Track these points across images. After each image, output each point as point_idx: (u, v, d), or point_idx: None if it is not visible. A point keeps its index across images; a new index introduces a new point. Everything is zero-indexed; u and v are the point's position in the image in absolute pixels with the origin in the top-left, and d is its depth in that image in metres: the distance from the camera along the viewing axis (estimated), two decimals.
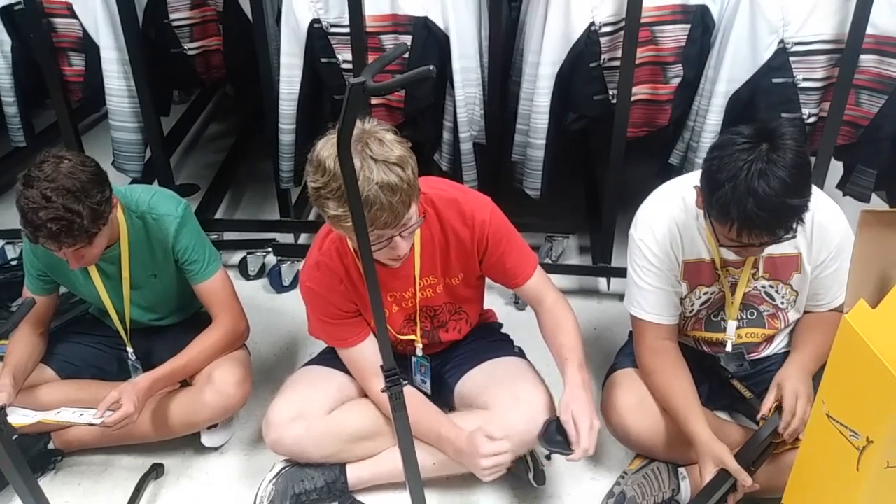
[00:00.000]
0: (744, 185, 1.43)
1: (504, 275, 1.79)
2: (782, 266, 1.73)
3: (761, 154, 1.44)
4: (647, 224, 1.76)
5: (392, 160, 1.41)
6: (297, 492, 1.80)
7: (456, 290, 1.81)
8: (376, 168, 1.39)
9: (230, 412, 1.97)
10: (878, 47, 2.05)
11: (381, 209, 1.41)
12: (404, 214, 1.46)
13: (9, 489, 1.83)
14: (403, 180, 1.42)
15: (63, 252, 1.70)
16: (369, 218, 1.38)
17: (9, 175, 3.28)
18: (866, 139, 2.19)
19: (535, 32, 2.25)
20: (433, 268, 1.75)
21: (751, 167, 1.44)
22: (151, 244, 1.90)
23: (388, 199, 1.40)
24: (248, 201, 3.17)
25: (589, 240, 2.79)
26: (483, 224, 1.70)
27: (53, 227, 1.62)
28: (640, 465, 1.81)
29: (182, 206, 1.91)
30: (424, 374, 1.89)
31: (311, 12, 2.26)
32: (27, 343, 1.93)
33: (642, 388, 1.80)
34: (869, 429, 1.17)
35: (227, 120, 3.84)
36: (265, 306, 2.58)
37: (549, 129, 2.30)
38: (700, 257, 1.75)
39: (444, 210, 1.70)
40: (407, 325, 1.84)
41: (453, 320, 1.87)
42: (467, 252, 1.74)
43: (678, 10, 2.13)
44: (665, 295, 1.77)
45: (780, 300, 1.77)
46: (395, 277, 1.74)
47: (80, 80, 2.52)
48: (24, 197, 1.62)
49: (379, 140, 1.42)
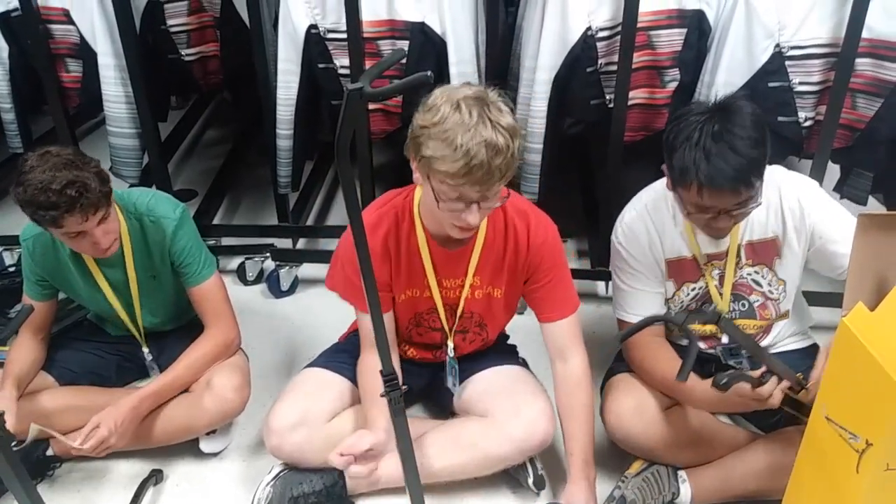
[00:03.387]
0: (701, 143, 1.50)
1: (543, 303, 1.76)
2: (762, 250, 1.76)
3: (715, 115, 1.52)
4: (625, 228, 1.80)
5: (503, 125, 1.41)
6: (295, 495, 1.79)
7: (492, 304, 1.81)
8: (490, 127, 1.39)
9: (229, 418, 1.96)
10: (874, 51, 2.06)
11: (479, 167, 1.38)
12: (496, 182, 1.44)
13: (8, 496, 1.82)
14: (509, 148, 1.41)
15: (90, 228, 1.68)
16: (463, 171, 1.38)
17: (6, 182, 3.28)
18: (863, 142, 2.19)
19: (531, 37, 2.26)
20: (484, 270, 1.74)
21: (705, 127, 1.51)
22: (149, 246, 1.90)
23: (489, 159, 1.38)
24: (245, 206, 3.17)
25: (587, 244, 2.80)
26: (543, 245, 1.71)
27: (72, 192, 1.61)
28: (640, 468, 1.81)
29: (180, 208, 1.92)
30: (455, 377, 1.89)
31: (309, 18, 2.26)
32: (28, 350, 1.93)
33: (641, 391, 1.80)
34: (868, 431, 1.17)
35: (225, 125, 3.84)
36: (263, 311, 2.58)
37: (547, 134, 2.30)
38: (681, 255, 1.78)
39: (513, 217, 1.70)
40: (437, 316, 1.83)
41: (474, 332, 1.86)
42: (519, 267, 1.73)
43: (674, 15, 2.14)
44: (646, 296, 1.80)
45: (768, 287, 1.79)
46: (449, 262, 1.72)
47: (78, 86, 2.53)
48: (27, 187, 1.62)
49: (498, 108, 1.42)
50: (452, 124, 1.38)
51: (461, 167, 1.38)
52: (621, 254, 1.81)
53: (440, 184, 1.44)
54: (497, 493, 1.89)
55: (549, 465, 1.90)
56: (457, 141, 1.37)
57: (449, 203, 1.46)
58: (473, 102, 1.40)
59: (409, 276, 1.74)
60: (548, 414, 1.78)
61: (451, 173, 1.40)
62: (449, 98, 1.42)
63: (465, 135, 1.37)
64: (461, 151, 1.37)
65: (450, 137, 1.38)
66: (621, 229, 1.81)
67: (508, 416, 1.77)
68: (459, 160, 1.37)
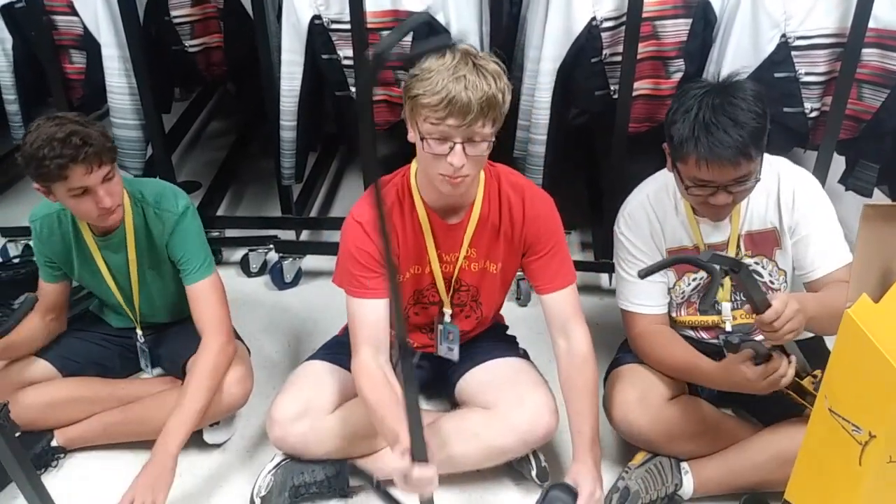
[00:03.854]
0: (701, 115, 1.51)
1: (542, 272, 1.77)
2: (761, 241, 1.76)
3: (716, 89, 1.53)
4: (627, 217, 1.81)
5: (487, 69, 1.50)
6: (297, 484, 1.80)
7: (487, 279, 1.82)
8: (472, 67, 1.48)
9: (232, 410, 1.97)
10: (881, 41, 2.05)
11: (458, 99, 1.46)
12: (477, 121, 1.49)
13: (12, 486, 1.83)
14: (490, 87, 1.48)
15: (94, 185, 1.70)
16: (444, 104, 1.46)
17: (10, 173, 3.29)
18: (869, 133, 2.18)
19: (536, 28, 2.25)
20: (479, 242, 1.77)
21: (704, 99, 1.53)
22: (151, 236, 1.90)
23: (468, 93, 1.46)
24: (249, 198, 3.17)
25: (591, 235, 2.79)
26: (539, 217, 1.74)
27: (77, 141, 1.65)
28: (643, 459, 1.81)
29: (184, 203, 1.91)
30: (452, 342, 1.89)
31: (312, 9, 2.25)
32: (30, 326, 1.93)
33: (644, 383, 1.80)
34: (871, 424, 1.17)
35: (229, 117, 3.83)
36: (267, 303, 2.58)
37: (551, 125, 2.30)
38: (682, 245, 1.78)
39: (509, 192, 1.74)
40: (435, 291, 1.84)
41: (470, 307, 1.87)
42: (515, 241, 1.76)
43: (680, 5, 2.13)
44: (650, 286, 1.80)
45: (769, 278, 1.79)
46: (448, 236, 1.75)
47: (82, 77, 2.52)
48: (33, 142, 1.66)
49: (484, 58, 1.52)
50: (437, 66, 1.49)
51: (441, 99, 1.46)
52: (624, 243, 1.81)
53: (424, 122, 1.51)
54: (500, 485, 1.89)
55: (551, 457, 1.90)
56: (438, 77, 1.47)
57: (434, 145, 1.52)
58: (459, 51, 1.51)
59: (413, 252, 1.77)
60: (551, 405, 1.78)
61: (433, 106, 1.48)
62: (442, 63, 1.51)
63: (446, 72, 1.47)
64: (441, 85, 1.46)
65: (433, 76, 1.48)
66: (623, 219, 1.82)
67: (511, 406, 1.77)
68: (440, 93, 1.46)
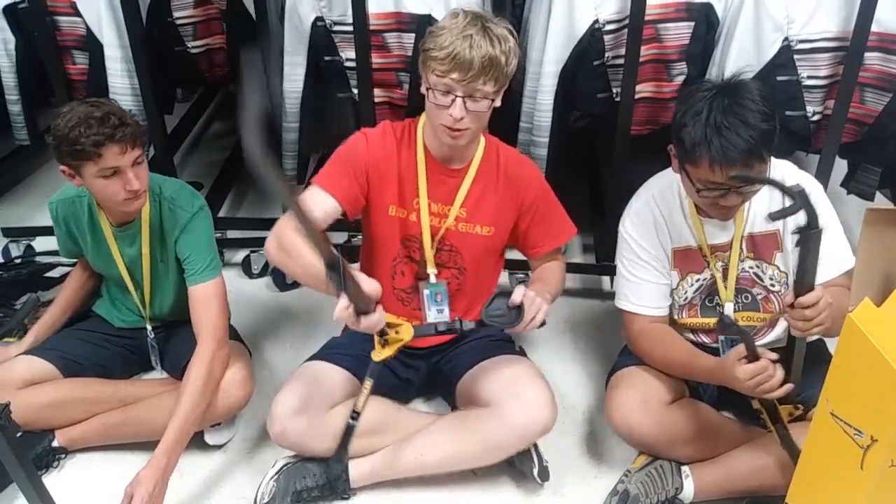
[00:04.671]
0: (712, 118, 1.52)
1: (548, 233, 1.91)
2: (762, 245, 1.77)
3: (724, 91, 1.54)
4: (634, 216, 1.82)
5: (494, 32, 1.62)
6: (299, 488, 1.80)
7: (474, 244, 1.86)
8: (480, 28, 1.61)
9: (233, 412, 1.97)
10: (883, 45, 2.05)
11: (462, 54, 1.58)
12: (480, 78, 1.61)
13: (13, 487, 1.83)
14: (494, 47, 1.61)
15: (125, 165, 1.74)
16: (450, 58, 1.60)
17: (13, 174, 3.30)
18: (871, 137, 2.18)
19: (538, 30, 2.25)
20: (472, 201, 1.84)
21: (714, 102, 1.54)
22: (163, 231, 1.93)
23: (473, 50, 1.59)
24: (251, 199, 3.17)
25: (592, 238, 2.79)
26: (533, 180, 1.87)
27: (114, 120, 1.71)
28: (644, 463, 1.81)
29: (200, 203, 1.94)
30: (441, 302, 1.91)
31: (315, 10, 2.26)
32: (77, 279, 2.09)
33: (646, 386, 1.80)
34: (873, 428, 1.17)
35: (231, 118, 3.83)
36: (268, 304, 2.59)
37: (553, 127, 2.30)
38: (688, 244, 1.79)
39: (507, 156, 1.87)
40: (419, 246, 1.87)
41: (452, 272, 1.89)
42: (509, 205, 1.86)
43: (682, 8, 2.13)
44: (652, 287, 1.81)
45: (769, 281, 1.79)
46: (442, 183, 1.83)
47: (84, 78, 2.52)
48: (68, 121, 1.69)
49: (494, 22, 1.65)
50: (450, 24, 1.64)
51: (447, 54, 1.60)
52: (629, 243, 1.81)
53: (431, 74, 1.65)
54: (500, 486, 1.89)
55: (552, 456, 1.89)
56: (447, 34, 1.61)
57: (438, 96, 1.65)
58: (472, 13, 1.65)
59: (400, 191, 1.82)
60: (548, 399, 1.78)
61: (440, 59, 1.61)
62: (453, 12, 1.67)
63: (455, 30, 1.61)
64: (448, 40, 1.60)
65: (444, 33, 1.62)
66: (630, 219, 1.82)
67: (509, 402, 1.77)
68: (446, 48, 1.60)
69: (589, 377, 2.24)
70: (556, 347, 2.34)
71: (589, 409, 2.12)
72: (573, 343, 2.38)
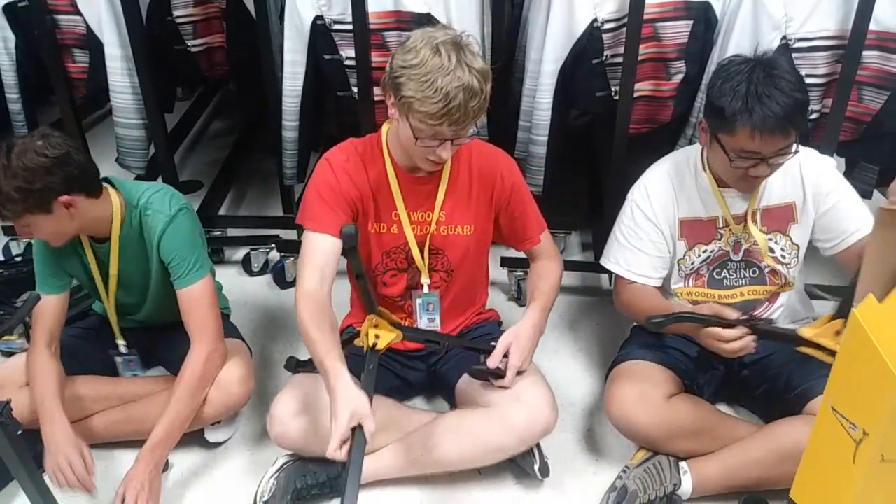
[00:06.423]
0: (753, 88, 1.58)
1: (524, 230, 1.89)
2: (778, 216, 1.82)
3: (760, 64, 1.62)
4: (645, 187, 1.86)
5: (477, 69, 1.53)
6: (299, 486, 1.80)
7: (458, 245, 1.85)
8: (467, 71, 1.51)
9: (233, 410, 1.97)
10: (881, 43, 2.05)
11: (456, 108, 1.51)
12: (470, 122, 1.58)
13: (14, 484, 1.84)
14: (482, 91, 1.54)
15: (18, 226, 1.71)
16: (442, 112, 1.51)
17: None
18: (869, 135, 2.19)
19: (537, 29, 2.25)
20: (449, 203, 1.82)
21: (753, 74, 1.60)
22: (143, 239, 1.88)
23: (465, 101, 1.51)
24: (251, 198, 3.18)
25: (591, 236, 2.80)
26: (508, 177, 1.83)
27: None
28: (643, 458, 1.82)
29: (177, 205, 1.87)
30: (433, 312, 1.91)
31: (315, 9, 2.26)
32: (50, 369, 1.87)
33: (645, 381, 1.81)
34: (866, 421, 1.17)
35: (231, 117, 3.84)
36: (268, 303, 2.59)
37: (552, 126, 2.30)
38: (697, 216, 1.83)
39: (478, 158, 1.82)
40: (407, 255, 1.86)
41: (440, 276, 1.88)
42: (486, 202, 1.83)
43: (681, 7, 2.14)
44: (644, 257, 1.85)
45: (781, 252, 1.84)
46: (418, 192, 1.80)
47: (84, 76, 2.53)
48: None
49: (472, 52, 1.56)
50: (432, 68, 1.50)
51: (440, 108, 1.51)
52: (633, 211, 1.86)
53: (419, 122, 1.56)
54: (501, 481, 1.90)
55: (552, 455, 1.90)
56: (437, 84, 1.49)
57: (426, 140, 1.59)
58: (451, 47, 1.52)
59: (377, 209, 1.80)
60: (549, 400, 1.78)
61: (431, 114, 1.52)
62: (428, 41, 1.53)
63: (444, 78, 1.49)
64: (441, 94, 1.49)
65: (430, 80, 1.50)
66: (639, 188, 1.87)
67: (509, 404, 1.77)
68: (439, 102, 1.50)
69: (588, 374, 2.24)
70: (556, 345, 2.35)
71: (588, 406, 2.13)
72: (572, 340, 2.39)
